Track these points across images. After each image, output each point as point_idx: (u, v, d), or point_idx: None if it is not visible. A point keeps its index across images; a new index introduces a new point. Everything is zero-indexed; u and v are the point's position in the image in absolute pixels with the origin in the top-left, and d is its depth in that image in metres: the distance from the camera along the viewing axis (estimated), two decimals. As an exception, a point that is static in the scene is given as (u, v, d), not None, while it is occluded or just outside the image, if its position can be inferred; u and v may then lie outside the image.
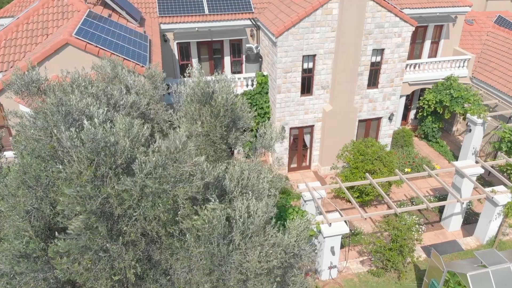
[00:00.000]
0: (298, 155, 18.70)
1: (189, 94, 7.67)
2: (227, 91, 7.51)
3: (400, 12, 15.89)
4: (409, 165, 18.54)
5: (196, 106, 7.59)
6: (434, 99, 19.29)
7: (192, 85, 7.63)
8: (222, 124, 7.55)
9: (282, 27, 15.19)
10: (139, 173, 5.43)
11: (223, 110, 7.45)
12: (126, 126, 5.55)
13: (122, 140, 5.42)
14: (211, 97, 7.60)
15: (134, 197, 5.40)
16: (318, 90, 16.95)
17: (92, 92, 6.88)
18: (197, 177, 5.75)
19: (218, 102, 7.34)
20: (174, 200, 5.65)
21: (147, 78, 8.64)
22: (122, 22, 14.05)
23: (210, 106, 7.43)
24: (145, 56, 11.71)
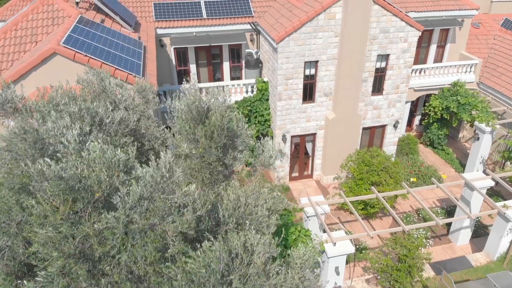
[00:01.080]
0: (300, 163, 18.06)
1: (183, 111, 7.03)
2: (223, 109, 6.87)
3: (406, 16, 15.24)
4: (414, 174, 17.89)
5: (190, 124, 6.95)
6: (441, 105, 18.63)
7: (186, 101, 6.98)
8: (218, 145, 6.91)
9: (283, 32, 14.55)
10: (122, 208, 4.79)
11: (219, 130, 6.81)
12: (106, 157, 4.90)
13: (99, 171, 4.78)
14: (206, 116, 6.96)
15: (117, 235, 4.76)
16: (321, 97, 16.31)
17: (73, 111, 6.23)
18: (188, 209, 5.11)
19: (213, 122, 6.70)
20: (163, 237, 5.01)
21: (137, 92, 7.99)
22: (116, 27, 13.42)
23: (204, 126, 6.79)
24: (138, 65, 11.08)
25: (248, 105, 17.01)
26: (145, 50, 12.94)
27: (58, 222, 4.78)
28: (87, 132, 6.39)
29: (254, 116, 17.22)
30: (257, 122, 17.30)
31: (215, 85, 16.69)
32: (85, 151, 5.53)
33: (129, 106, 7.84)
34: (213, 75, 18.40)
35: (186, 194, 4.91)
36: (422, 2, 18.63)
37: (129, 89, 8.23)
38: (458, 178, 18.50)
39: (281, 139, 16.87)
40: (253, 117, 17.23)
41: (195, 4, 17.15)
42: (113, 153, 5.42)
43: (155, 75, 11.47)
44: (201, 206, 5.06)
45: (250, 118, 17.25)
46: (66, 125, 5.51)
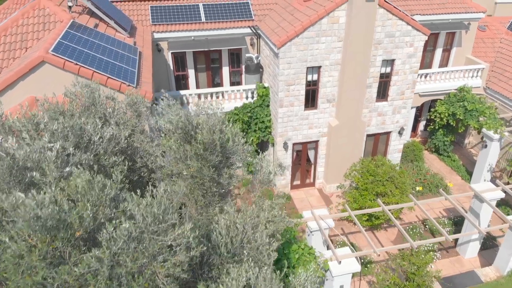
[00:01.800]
0: (302, 171, 17.51)
1: (169, 130, 6.48)
2: (214, 125, 6.30)
3: (412, 20, 14.68)
4: (420, 183, 17.34)
5: (178, 144, 6.39)
6: (447, 111, 18.07)
7: (172, 118, 6.41)
8: (210, 165, 6.34)
9: (285, 37, 13.99)
10: (107, 248, 4.23)
11: (210, 148, 6.24)
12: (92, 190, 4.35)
13: (82, 207, 4.22)
14: (195, 133, 6.40)
15: (100, 280, 4.20)
16: (324, 103, 15.75)
17: (55, 130, 5.67)
18: (181, 247, 4.55)
19: (203, 140, 6.13)
20: (152, 279, 4.45)
21: (128, 106, 7.42)
22: (110, 32, 12.85)
23: (193, 146, 6.22)
24: (133, 73, 10.51)
25: (248, 112, 16.44)
26: (141, 56, 12.38)
27: (34, 264, 4.24)
28: (71, 153, 5.85)
29: (254, 122, 16.66)
30: (257, 129, 16.74)
31: (214, 90, 16.13)
32: (66, 180, 4.99)
33: (120, 120, 7.28)
34: (212, 80, 17.84)
35: (179, 235, 4.34)
36: (427, 5, 18.07)
37: (121, 102, 7.67)
38: (465, 186, 17.96)
39: (282, 146, 16.31)
40: (254, 123, 16.67)
41: (193, 7, 16.59)
42: (100, 185, 4.89)
43: (150, 83, 10.91)
44: (196, 246, 4.49)
45: (250, 124, 16.69)
46: (43, 147, 4.95)
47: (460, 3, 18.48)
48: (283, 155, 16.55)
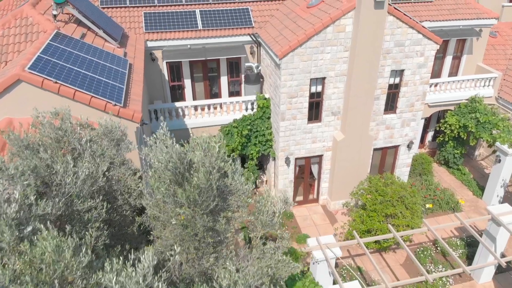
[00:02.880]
0: (305, 187, 16.54)
1: (158, 168, 5.51)
2: (211, 164, 5.34)
3: (423, 28, 13.72)
4: (430, 199, 16.37)
5: (167, 186, 5.42)
6: (457, 123, 17.11)
7: (161, 158, 5.43)
8: (205, 212, 5.37)
9: (287, 47, 13.03)
10: None
11: (206, 192, 5.27)
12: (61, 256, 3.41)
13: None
14: (188, 173, 5.43)
15: None
16: (328, 116, 14.78)
17: (13, 172, 4.72)
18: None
19: (197, 184, 5.17)
20: None
21: (104, 135, 6.44)
22: (98, 43, 11.89)
23: (185, 191, 5.24)
24: (120, 90, 9.55)
25: (248, 124, 15.48)
26: (131, 69, 11.41)
27: None
28: (33, 203, 4.89)
29: (254, 135, 15.70)
30: (257, 142, 15.77)
31: (211, 102, 15.17)
32: (26, 247, 4.05)
33: (97, 152, 6.31)
34: (209, 91, 16.88)
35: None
36: (437, 10, 17.12)
37: (101, 128, 6.70)
38: (477, 202, 17.00)
39: (284, 161, 15.35)
40: (253, 136, 15.71)
41: (189, 13, 15.62)
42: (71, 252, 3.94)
43: (140, 100, 9.95)
44: None
45: (250, 138, 15.73)
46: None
47: (472, 8, 17.53)
48: (285, 170, 15.59)
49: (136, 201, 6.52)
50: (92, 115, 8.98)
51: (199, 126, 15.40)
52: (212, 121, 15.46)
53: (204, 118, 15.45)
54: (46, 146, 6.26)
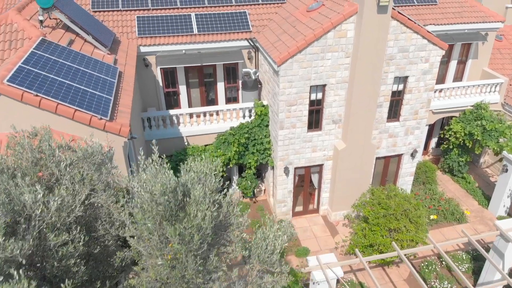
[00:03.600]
0: (304, 197, 15.95)
1: (145, 201, 4.90)
2: (207, 199, 4.73)
3: (428, 34, 13.12)
4: (434, 210, 15.78)
5: (156, 222, 4.81)
6: (463, 130, 16.51)
7: (153, 189, 4.82)
8: (197, 254, 4.76)
9: (286, 53, 12.43)
10: None
11: (201, 231, 4.66)
12: None
13: None
14: (181, 209, 4.83)
15: None
16: (329, 124, 14.19)
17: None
18: None
19: (192, 223, 4.56)
20: None
21: (84, 159, 5.83)
22: (87, 50, 11.29)
23: (176, 230, 4.64)
24: (107, 102, 8.95)
25: (245, 132, 14.88)
26: (120, 78, 10.81)
27: None
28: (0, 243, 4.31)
29: (252, 144, 15.11)
30: (255, 151, 15.18)
31: (207, 110, 14.57)
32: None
33: (75, 178, 5.71)
34: (206, 97, 16.28)
35: None
36: (442, 14, 16.52)
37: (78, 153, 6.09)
38: (482, 213, 16.41)
39: (283, 171, 14.75)
40: (251, 145, 15.12)
41: (184, 17, 15.02)
42: None
43: (129, 112, 9.35)
44: None
45: (247, 146, 15.14)
46: None
47: (477, 11, 16.93)
48: (284, 180, 14.99)
49: (118, 231, 5.93)
50: (76, 129, 8.41)
51: (194, 134, 14.81)
52: (208, 129, 14.86)
53: (199, 126, 14.85)
54: (22, 170, 5.69)
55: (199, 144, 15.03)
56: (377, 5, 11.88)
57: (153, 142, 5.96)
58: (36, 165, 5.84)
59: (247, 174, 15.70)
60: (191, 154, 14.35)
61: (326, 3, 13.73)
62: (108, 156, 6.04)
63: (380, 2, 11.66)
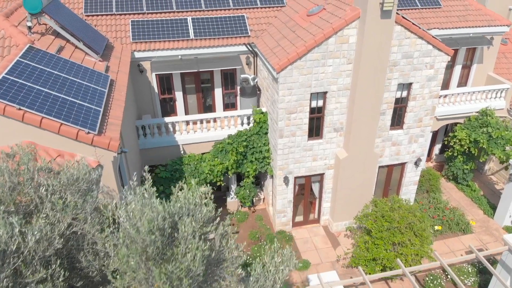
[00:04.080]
0: (305, 206, 15.45)
1: (129, 237, 4.40)
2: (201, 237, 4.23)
3: (433, 39, 12.63)
4: (439, 220, 15.29)
5: (142, 260, 4.31)
6: (468, 138, 16.02)
7: (139, 225, 4.32)
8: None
9: (285, 60, 11.94)
10: None
11: (190, 274, 4.16)
12: None
13: None
14: (169, 248, 4.32)
15: None
16: (330, 133, 13.70)
17: None
18: None
19: (182, 265, 4.05)
20: None
21: (68, 185, 5.34)
22: (77, 57, 10.79)
23: (163, 271, 4.13)
24: (96, 114, 8.45)
25: (243, 140, 14.39)
26: (112, 87, 10.31)
27: None
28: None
29: (251, 152, 14.62)
30: (254, 159, 14.69)
31: (204, 117, 14.08)
32: None
33: (57, 206, 5.22)
34: (203, 103, 15.78)
35: None
36: (446, 17, 16.03)
37: (61, 177, 5.59)
38: (488, 223, 15.92)
39: (282, 181, 14.26)
40: (250, 153, 14.63)
41: (180, 21, 14.52)
42: None
43: (119, 124, 8.84)
44: None
45: (246, 154, 14.65)
46: None
47: (482, 15, 16.44)
48: (283, 190, 14.50)
49: (103, 261, 5.43)
50: (63, 144, 7.92)
51: (191, 142, 14.31)
52: (205, 137, 14.37)
53: (196, 134, 14.36)
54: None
55: (196, 153, 14.54)
56: (381, 10, 11.39)
57: (145, 169, 5.47)
58: (14, 190, 5.35)
59: (245, 183, 15.21)
60: (187, 163, 13.85)
61: (327, 7, 13.24)
62: (95, 181, 5.54)
63: (383, 6, 11.17)
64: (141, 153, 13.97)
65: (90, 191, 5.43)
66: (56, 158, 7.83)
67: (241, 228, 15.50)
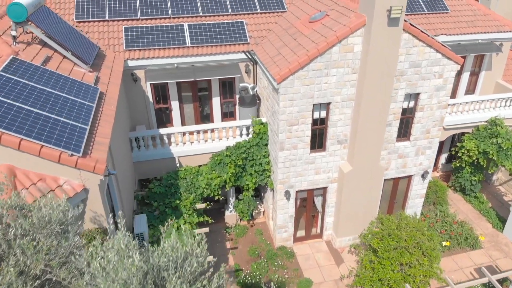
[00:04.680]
0: (307, 220, 14.79)
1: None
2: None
3: (442, 47, 11.97)
4: (446, 235, 14.62)
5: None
6: (476, 148, 15.36)
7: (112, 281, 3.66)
8: None
9: (286, 70, 11.28)
10: None
11: None
12: None
13: None
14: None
15: None
16: (333, 145, 13.04)
17: None
18: None
19: None
20: None
21: (40, 228, 4.67)
22: (65, 68, 10.13)
23: None
24: (82, 133, 7.79)
25: (242, 152, 13.73)
26: (101, 101, 9.65)
27: None
28: None
29: (250, 164, 13.96)
30: (253, 172, 14.03)
31: (201, 128, 13.41)
32: None
33: (27, 251, 4.55)
34: (200, 113, 15.12)
35: None
36: (454, 23, 15.38)
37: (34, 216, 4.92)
38: (497, 237, 15.27)
39: (283, 195, 13.60)
40: (249, 165, 13.97)
41: (176, 28, 13.86)
42: None
43: (107, 143, 8.17)
44: None
45: (245, 167, 13.99)
46: None
47: (491, 20, 15.79)
48: (284, 204, 13.85)
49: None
50: (45, 167, 7.27)
51: (187, 154, 13.65)
52: (202, 148, 13.71)
53: (193, 146, 13.69)
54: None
55: (192, 165, 13.88)
56: (388, 17, 10.73)
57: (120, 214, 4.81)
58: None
59: (244, 196, 14.55)
60: (183, 177, 13.19)
61: (330, 13, 12.58)
62: (71, 221, 4.87)
63: (391, 14, 10.52)
64: (135, 166, 13.31)
65: (65, 232, 4.76)
66: (37, 182, 7.18)
67: (240, 243, 14.83)
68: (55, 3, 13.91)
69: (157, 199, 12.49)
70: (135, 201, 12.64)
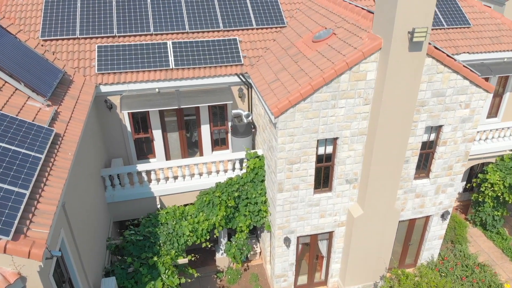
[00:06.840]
0: (310, 265, 12.90)
1: None
2: None
3: (471, 73, 10.10)
4: (468, 283, 12.73)
5: None
6: (501, 182, 13.50)
7: None
8: None
9: (286, 102, 9.39)
10: None
11: None
12: None
13: None
14: None
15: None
16: (341, 185, 11.16)
17: None
18: None
19: None
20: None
21: None
22: (16, 103, 8.21)
23: None
24: (16, 204, 5.86)
25: (235, 190, 11.85)
26: (54, 147, 7.71)
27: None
28: None
29: (244, 204, 12.07)
30: (248, 213, 12.14)
31: (186, 163, 11.50)
32: None
33: None
34: (186, 142, 13.22)
35: None
36: (477, 39, 13.54)
37: None
38: (527, 283, 13.38)
39: (282, 242, 11.72)
40: (243, 205, 12.08)
41: (159, 46, 11.96)
42: None
43: (52, 211, 6.24)
44: None
45: (238, 206, 12.11)
46: None
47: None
48: (284, 252, 11.96)
49: None
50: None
51: (170, 193, 11.75)
52: (188, 186, 11.81)
53: (177, 183, 11.79)
54: None
55: (177, 204, 11.99)
56: (409, 41, 8.85)
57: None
58: None
59: (237, 239, 12.65)
60: (165, 222, 11.27)
61: (337, 32, 10.70)
62: None
63: (413, 37, 8.63)
64: (110, 208, 11.40)
65: None
66: None
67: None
68: (19, 18, 11.99)
69: (132, 251, 10.55)
70: (108, 251, 10.72)
